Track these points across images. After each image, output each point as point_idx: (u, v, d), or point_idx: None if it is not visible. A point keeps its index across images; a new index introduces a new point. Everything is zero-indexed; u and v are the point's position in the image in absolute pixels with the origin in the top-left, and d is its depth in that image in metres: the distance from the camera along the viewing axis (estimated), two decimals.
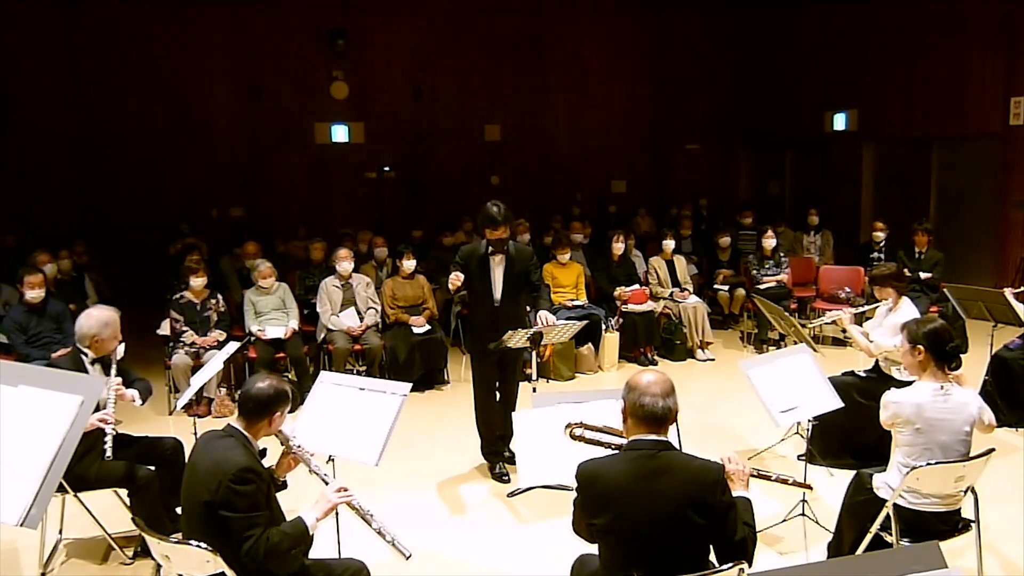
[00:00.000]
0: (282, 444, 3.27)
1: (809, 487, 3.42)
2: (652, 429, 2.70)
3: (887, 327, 5.14)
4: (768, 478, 3.06)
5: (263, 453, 3.13)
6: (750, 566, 2.62)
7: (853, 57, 11.68)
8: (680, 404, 2.78)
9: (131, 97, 11.52)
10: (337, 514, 3.68)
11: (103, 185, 11.54)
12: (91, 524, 4.24)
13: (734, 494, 2.72)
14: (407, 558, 3.05)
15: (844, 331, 5.56)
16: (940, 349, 3.54)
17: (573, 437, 3.14)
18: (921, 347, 3.56)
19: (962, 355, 3.67)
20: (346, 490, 3.11)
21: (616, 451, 2.91)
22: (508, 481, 5.25)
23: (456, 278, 5.14)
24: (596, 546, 2.81)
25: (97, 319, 4.29)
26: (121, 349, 4.38)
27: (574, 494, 2.76)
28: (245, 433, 3.05)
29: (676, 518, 2.58)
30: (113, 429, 3.97)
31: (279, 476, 3.31)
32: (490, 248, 5.20)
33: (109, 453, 3.93)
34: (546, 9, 13.22)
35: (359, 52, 12.34)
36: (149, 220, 11.39)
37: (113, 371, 4.23)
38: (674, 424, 2.77)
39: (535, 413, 3.76)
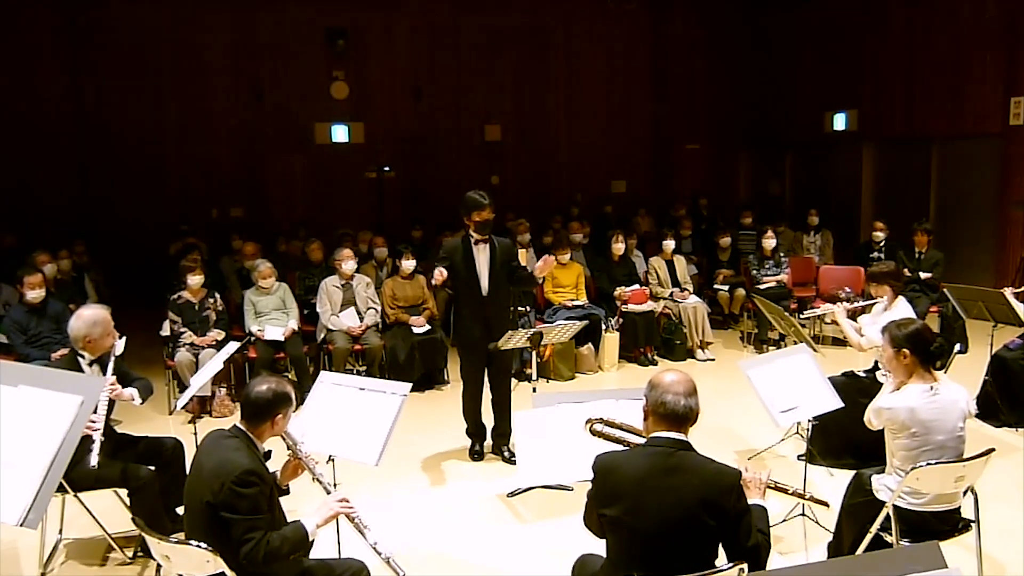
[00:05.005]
0: (288, 448, 3.26)
1: (826, 504, 3.38)
2: (672, 427, 2.71)
3: (881, 324, 5.12)
4: (785, 491, 3.07)
5: (268, 455, 3.12)
6: (764, 569, 2.62)
7: (853, 57, 11.68)
8: None
9: (131, 97, 11.53)
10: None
11: (103, 185, 11.55)
12: (91, 524, 4.23)
13: (749, 502, 2.72)
14: None
15: (834, 323, 5.55)
16: (925, 350, 3.54)
17: (593, 432, 3.14)
18: (907, 351, 3.54)
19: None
20: (348, 502, 3.11)
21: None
22: (480, 459, 5.58)
23: (440, 273, 5.20)
24: (601, 543, 2.81)
25: (86, 320, 4.22)
26: (121, 344, 4.32)
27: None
28: (250, 435, 3.05)
29: (687, 517, 2.59)
30: (101, 436, 3.85)
31: (282, 483, 3.30)
32: (475, 236, 5.28)
33: (94, 463, 3.78)
34: (546, 9, 13.22)
35: (359, 52, 12.35)
36: (149, 220, 11.40)
37: (109, 371, 4.16)
38: (694, 424, 2.77)
39: (535, 413, 3.76)
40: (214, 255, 9.51)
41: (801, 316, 6.91)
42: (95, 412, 3.89)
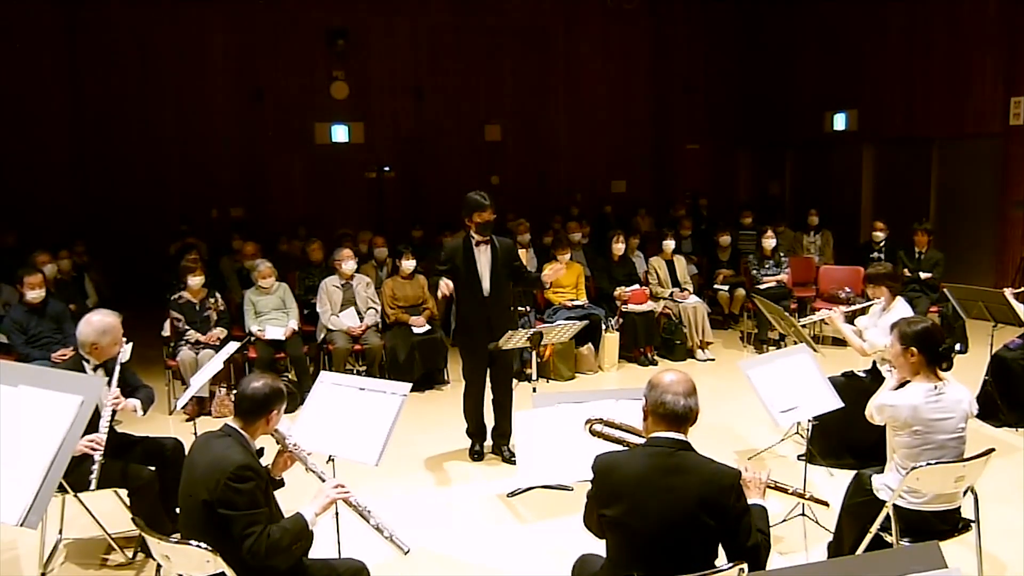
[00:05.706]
0: (278, 443, 3.27)
1: (826, 504, 3.38)
2: (672, 427, 2.71)
3: (881, 327, 5.13)
4: (785, 491, 3.07)
5: (260, 452, 3.13)
6: (764, 569, 2.62)
7: (853, 57, 11.68)
8: None
9: (131, 97, 11.53)
10: (337, 514, 3.69)
11: (103, 185, 11.55)
12: (91, 524, 4.24)
13: (749, 502, 2.72)
14: (405, 553, 3.06)
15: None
16: (933, 350, 3.52)
17: (593, 433, 3.14)
18: (914, 349, 3.52)
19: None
20: (344, 487, 3.12)
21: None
22: (481, 459, 5.59)
23: (446, 286, 5.20)
24: (601, 543, 2.81)
25: (95, 327, 4.21)
26: (128, 350, 4.32)
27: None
28: (242, 432, 3.05)
29: (687, 517, 2.59)
30: (101, 457, 3.84)
31: (275, 475, 3.31)
32: (476, 237, 5.29)
33: (94, 485, 3.79)
34: (546, 9, 13.23)
35: (359, 52, 12.35)
36: (149, 220, 11.40)
37: (114, 381, 4.14)
38: (694, 424, 2.77)
39: (535, 413, 3.76)
40: (214, 255, 9.51)
41: (799, 321, 6.91)
42: (97, 432, 3.87)
